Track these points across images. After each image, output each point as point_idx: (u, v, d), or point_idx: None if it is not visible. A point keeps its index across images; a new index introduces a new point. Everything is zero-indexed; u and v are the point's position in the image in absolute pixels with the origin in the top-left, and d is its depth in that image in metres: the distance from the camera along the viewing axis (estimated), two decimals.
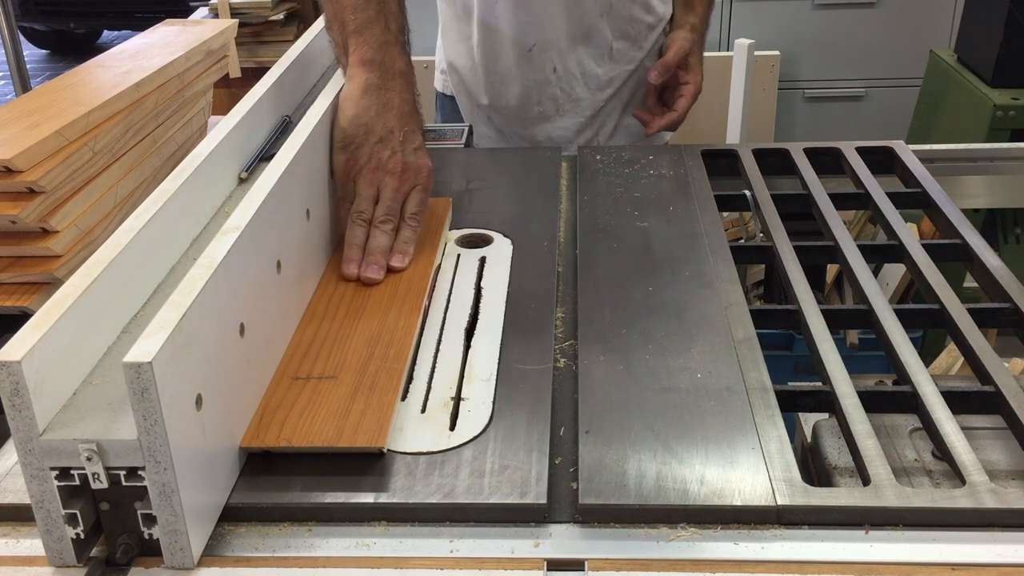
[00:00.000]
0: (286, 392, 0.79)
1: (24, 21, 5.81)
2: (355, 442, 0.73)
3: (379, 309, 0.91)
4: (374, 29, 1.02)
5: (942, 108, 2.67)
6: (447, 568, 0.65)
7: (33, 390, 0.60)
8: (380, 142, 1.00)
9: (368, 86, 1.01)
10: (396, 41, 1.04)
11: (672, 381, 0.81)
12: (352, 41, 1.03)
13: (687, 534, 0.67)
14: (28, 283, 0.98)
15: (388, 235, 0.99)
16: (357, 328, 0.88)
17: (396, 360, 0.83)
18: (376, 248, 0.98)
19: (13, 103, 1.13)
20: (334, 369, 0.82)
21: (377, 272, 0.96)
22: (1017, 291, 0.93)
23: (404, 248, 0.99)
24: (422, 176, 1.02)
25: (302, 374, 0.81)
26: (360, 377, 0.80)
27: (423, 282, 0.96)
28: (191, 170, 0.85)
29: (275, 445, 0.73)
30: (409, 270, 0.98)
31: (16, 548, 0.68)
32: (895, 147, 1.27)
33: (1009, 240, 2.22)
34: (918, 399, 0.79)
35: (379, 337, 0.86)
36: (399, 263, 0.98)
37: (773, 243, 1.05)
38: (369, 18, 1.03)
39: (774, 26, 3.14)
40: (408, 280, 0.97)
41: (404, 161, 1.01)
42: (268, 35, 2.67)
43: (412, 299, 0.93)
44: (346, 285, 0.96)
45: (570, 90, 1.48)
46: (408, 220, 1.01)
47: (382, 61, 1.02)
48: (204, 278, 0.67)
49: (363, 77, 1.01)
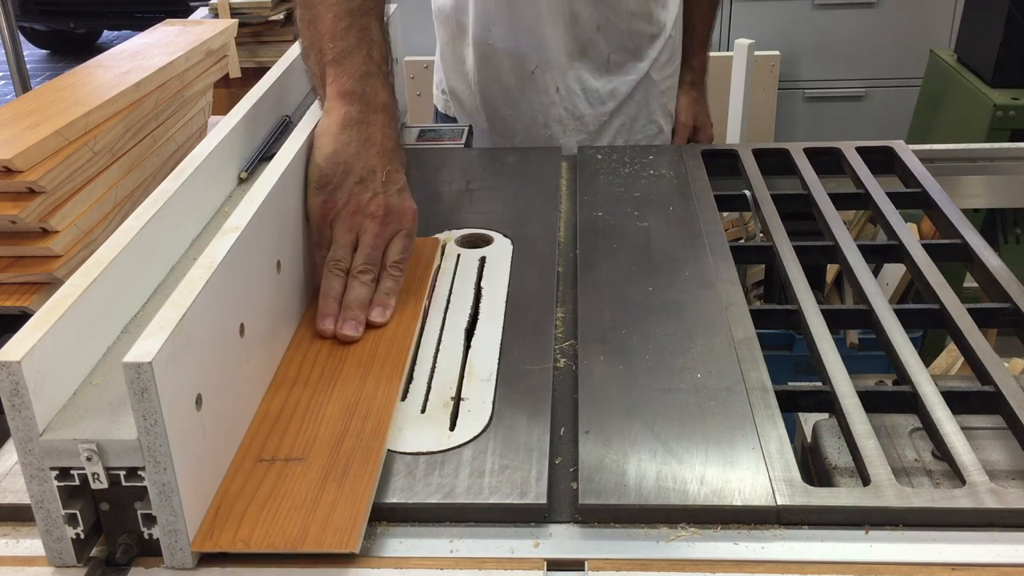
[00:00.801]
0: (247, 477, 0.70)
1: (24, 21, 5.82)
2: (322, 544, 0.65)
3: (357, 372, 0.83)
4: (354, 58, 0.94)
5: (942, 108, 2.67)
6: (447, 568, 0.65)
7: (33, 390, 0.60)
8: (360, 183, 0.92)
9: (348, 120, 0.93)
10: (379, 71, 0.96)
11: (672, 381, 0.81)
12: (331, 71, 0.95)
13: (687, 534, 0.67)
14: (28, 283, 0.98)
15: (368, 286, 0.91)
16: (331, 396, 0.80)
17: (373, 437, 0.75)
18: (354, 301, 0.89)
19: (13, 103, 1.13)
20: (303, 448, 0.74)
21: (354, 329, 0.88)
22: (1017, 291, 0.93)
23: (385, 300, 0.91)
24: (406, 220, 0.94)
25: (267, 455, 0.73)
26: (332, 459, 0.72)
27: (406, 340, 0.88)
28: (191, 170, 0.85)
29: (231, 548, 0.65)
30: (392, 325, 0.90)
31: (16, 548, 0.68)
32: (895, 147, 1.27)
33: (1009, 240, 2.22)
34: (918, 399, 0.79)
35: (356, 407, 0.78)
36: (379, 318, 0.90)
37: (773, 243, 1.05)
38: (349, 46, 0.94)
39: (774, 26, 3.14)
40: (390, 337, 0.88)
41: (386, 204, 0.92)
42: (268, 35, 2.66)
43: (393, 360, 0.85)
44: (320, 344, 0.88)
45: (573, 108, 1.47)
46: (390, 269, 0.93)
47: (363, 93, 0.94)
48: (204, 278, 0.67)
49: (342, 110, 0.93)
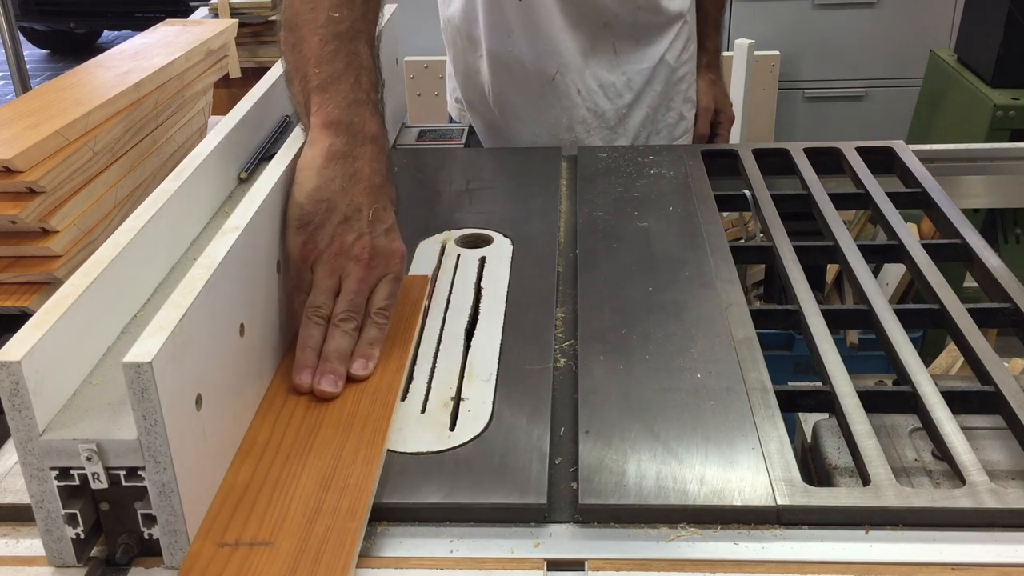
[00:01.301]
0: (207, 566, 0.63)
1: (24, 21, 5.82)
2: None
3: (335, 435, 0.76)
4: (342, 85, 0.86)
5: (942, 108, 2.67)
6: (447, 568, 0.65)
7: (33, 390, 0.60)
8: (344, 222, 0.84)
9: (333, 153, 0.85)
10: (367, 100, 0.88)
11: (672, 381, 0.81)
12: (315, 99, 0.87)
13: (687, 534, 0.67)
14: (28, 283, 0.98)
15: (350, 335, 0.83)
16: (305, 466, 0.72)
17: (350, 517, 0.67)
18: (334, 352, 0.82)
19: (13, 103, 1.13)
20: (270, 530, 0.66)
21: (333, 384, 0.80)
22: (1017, 291, 0.93)
23: (368, 351, 0.83)
24: (393, 263, 0.87)
25: (230, 538, 0.65)
26: (304, 542, 0.65)
27: (390, 395, 0.80)
28: (191, 170, 0.85)
29: None
30: (375, 378, 0.82)
31: (16, 548, 0.68)
32: (895, 147, 1.27)
33: (1009, 240, 2.22)
34: (918, 399, 0.79)
35: (332, 479, 0.70)
36: (361, 370, 0.82)
37: (773, 243, 1.05)
38: (336, 72, 0.87)
39: (774, 26, 3.14)
40: (373, 392, 0.80)
41: (373, 245, 0.85)
42: (268, 35, 2.66)
43: (376, 420, 0.77)
44: (296, 400, 0.79)
45: (594, 106, 1.46)
46: (375, 316, 0.85)
47: (351, 123, 0.86)
48: (204, 278, 0.67)
49: (327, 142, 0.85)
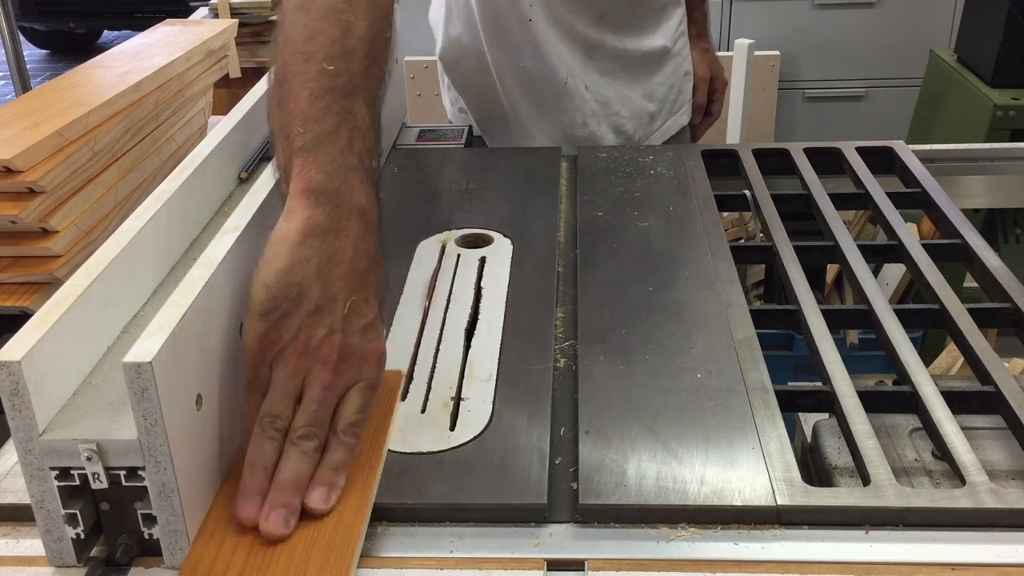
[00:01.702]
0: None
1: (24, 21, 5.82)
2: None
3: None
4: (329, 147, 0.71)
5: (942, 108, 2.67)
6: (447, 568, 0.65)
7: (33, 390, 0.60)
8: (315, 313, 0.68)
9: (311, 228, 0.69)
10: (360, 166, 0.73)
11: (672, 381, 0.81)
12: (297, 161, 0.71)
13: (687, 534, 0.67)
14: (28, 283, 0.97)
15: (309, 457, 0.67)
16: None
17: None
18: (289, 480, 0.65)
19: (13, 103, 1.13)
20: None
21: (283, 524, 0.64)
22: (1017, 291, 0.93)
23: (331, 479, 0.67)
24: (367, 368, 0.70)
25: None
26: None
27: (350, 542, 0.63)
28: (191, 170, 0.85)
29: None
30: (334, 516, 0.65)
31: (16, 548, 0.68)
32: (895, 147, 1.27)
33: (1009, 240, 2.22)
34: (918, 399, 0.79)
35: None
36: (320, 504, 0.66)
37: (773, 243, 1.05)
38: (325, 132, 0.72)
39: (774, 26, 3.14)
40: (332, 529, 0.64)
41: (344, 344, 0.69)
42: (268, 35, 2.66)
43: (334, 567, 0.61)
44: (238, 538, 0.63)
45: (601, 97, 1.48)
46: (342, 434, 0.69)
47: (336, 191, 0.70)
48: (204, 278, 0.67)
49: (306, 213, 0.69)
